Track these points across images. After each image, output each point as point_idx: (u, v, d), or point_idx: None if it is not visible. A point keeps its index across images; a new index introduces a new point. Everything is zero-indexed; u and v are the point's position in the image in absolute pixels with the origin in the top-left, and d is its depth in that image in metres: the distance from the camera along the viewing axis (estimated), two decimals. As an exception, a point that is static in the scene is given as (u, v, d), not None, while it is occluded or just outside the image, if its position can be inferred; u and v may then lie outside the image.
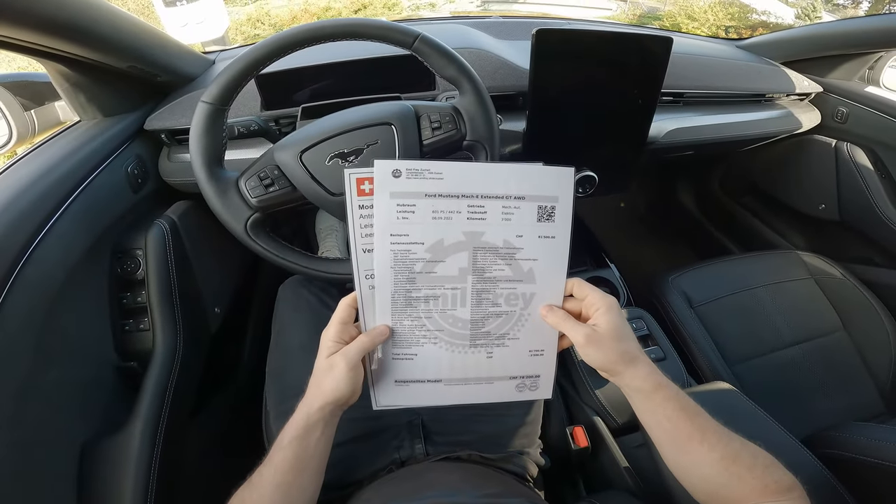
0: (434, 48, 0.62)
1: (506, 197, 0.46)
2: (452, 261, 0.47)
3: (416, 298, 0.47)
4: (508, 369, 0.50)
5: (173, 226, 0.81)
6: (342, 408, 0.48)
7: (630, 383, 0.46)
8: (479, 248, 0.47)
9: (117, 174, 0.77)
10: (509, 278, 0.48)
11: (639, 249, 1.73)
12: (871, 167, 1.18)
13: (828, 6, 5.07)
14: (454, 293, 0.47)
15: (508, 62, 0.89)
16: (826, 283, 1.10)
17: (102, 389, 0.69)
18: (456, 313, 0.48)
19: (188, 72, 0.90)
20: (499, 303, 0.48)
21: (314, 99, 0.84)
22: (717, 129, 1.07)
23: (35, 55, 0.66)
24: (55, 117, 0.86)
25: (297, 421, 0.47)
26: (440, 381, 0.50)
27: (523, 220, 0.46)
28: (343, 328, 0.48)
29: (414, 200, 0.44)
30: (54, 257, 0.62)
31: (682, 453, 0.45)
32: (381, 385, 0.50)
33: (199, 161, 0.60)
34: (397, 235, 0.45)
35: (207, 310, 0.92)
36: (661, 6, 5.79)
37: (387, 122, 0.62)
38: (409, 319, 0.48)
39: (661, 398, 0.45)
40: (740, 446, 0.44)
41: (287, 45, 0.59)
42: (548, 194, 0.46)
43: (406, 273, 0.46)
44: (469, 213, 0.45)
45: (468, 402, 0.51)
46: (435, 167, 0.44)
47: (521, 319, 0.49)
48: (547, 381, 0.51)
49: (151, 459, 0.67)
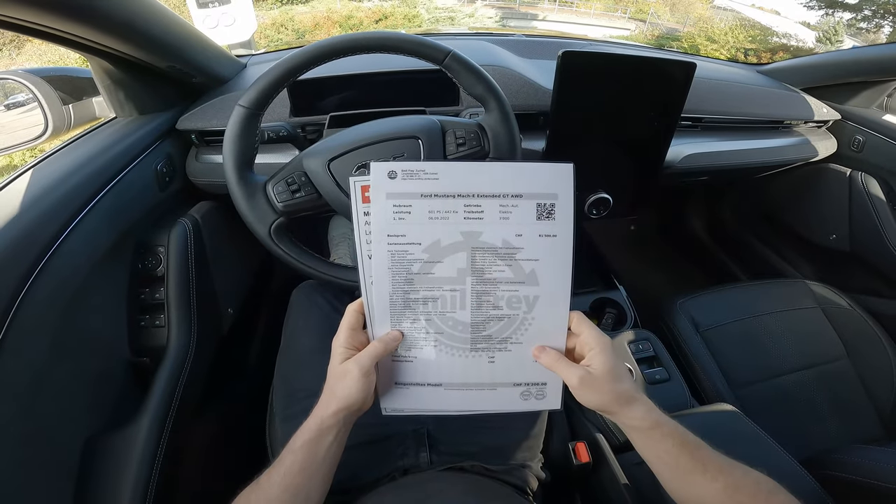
0: (464, 65, 0.64)
1: (503, 195, 0.45)
2: (450, 261, 0.46)
3: (415, 300, 0.47)
4: (512, 375, 0.49)
5: (196, 225, 0.82)
6: (356, 414, 0.48)
7: (627, 422, 0.46)
8: (478, 248, 0.46)
9: (147, 172, 0.79)
10: (510, 280, 0.47)
11: (648, 272, 1.73)
12: (884, 198, 1.18)
13: (850, 30, 5.08)
14: (453, 295, 0.47)
15: (532, 81, 0.91)
16: (832, 313, 1.10)
17: (112, 384, 0.70)
18: (455, 316, 0.47)
19: (221, 74, 0.92)
20: (500, 305, 0.47)
21: (341, 108, 0.86)
22: (735, 155, 1.07)
23: (84, 50, 0.68)
24: (91, 112, 0.88)
25: (310, 425, 0.47)
26: (440, 386, 0.49)
27: (522, 219, 0.45)
28: (352, 334, 0.48)
29: (410, 201, 0.44)
30: (81, 250, 0.63)
31: (684, 485, 0.45)
32: (382, 387, 0.49)
33: (232, 163, 0.62)
34: (394, 236, 0.45)
35: (221, 310, 0.93)
36: (680, 27, 5.82)
37: (414, 135, 0.64)
38: (407, 321, 0.47)
39: (660, 435, 0.45)
40: (742, 475, 0.44)
41: (326, 55, 0.61)
42: (546, 191, 0.45)
43: (403, 274, 0.46)
44: (466, 213, 0.45)
45: (472, 409, 0.50)
46: (430, 168, 0.44)
47: (524, 323, 0.48)
48: (554, 389, 0.49)
49: (156, 456, 0.67)
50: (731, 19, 7.09)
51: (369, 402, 0.48)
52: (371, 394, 0.48)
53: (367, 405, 0.48)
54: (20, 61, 6.00)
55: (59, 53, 1.53)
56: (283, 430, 0.70)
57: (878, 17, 7.39)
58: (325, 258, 0.66)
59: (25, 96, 0.79)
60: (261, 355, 1.15)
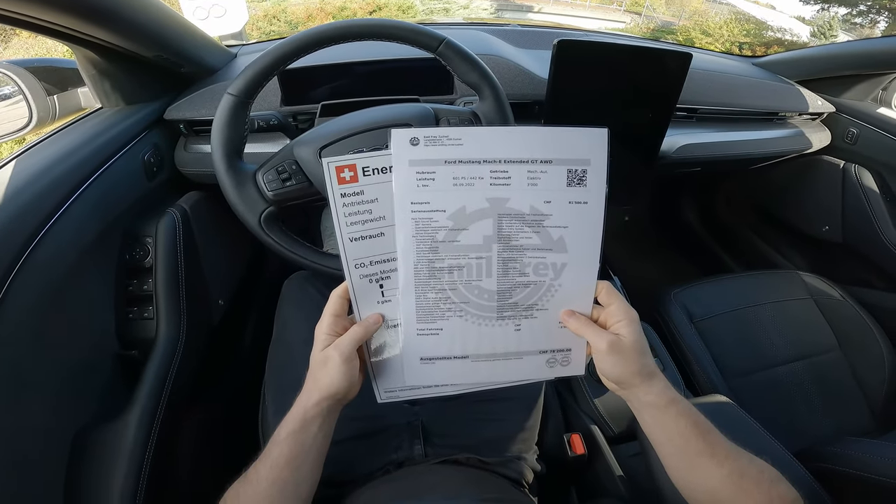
0: (458, 53, 0.63)
1: (531, 161, 0.43)
2: (476, 228, 0.45)
3: (440, 269, 0.45)
4: (538, 343, 0.48)
5: (184, 215, 0.81)
6: (341, 403, 0.47)
7: (644, 398, 0.45)
8: (504, 214, 0.44)
9: (134, 162, 0.78)
10: (538, 247, 0.45)
11: (641, 263, 1.74)
12: (878, 190, 1.18)
13: (844, 25, 5.09)
14: (479, 263, 0.45)
15: (526, 70, 0.90)
16: (825, 304, 1.11)
17: (100, 376, 0.69)
18: (482, 284, 0.46)
19: (211, 64, 0.91)
20: (527, 272, 0.46)
21: (333, 97, 0.85)
22: (729, 146, 1.07)
23: (68, 40, 0.67)
24: (76, 103, 0.87)
25: (294, 416, 0.46)
26: (467, 358, 0.48)
27: (551, 185, 0.44)
28: (335, 320, 0.47)
29: (434, 168, 0.43)
30: (66, 241, 0.62)
31: (690, 469, 0.45)
32: (407, 364, 0.48)
33: (220, 152, 0.61)
34: (418, 203, 0.43)
35: (211, 301, 0.92)
36: (675, 21, 5.82)
37: (407, 123, 0.63)
38: (433, 292, 0.46)
39: (675, 413, 0.44)
40: (748, 462, 0.44)
41: (316, 42, 0.60)
42: (578, 157, 0.44)
43: (428, 242, 0.45)
44: (492, 179, 0.43)
45: (498, 381, 0.49)
46: (454, 133, 0.43)
47: (550, 290, 0.47)
48: (579, 355, 0.49)
49: (146, 449, 0.66)
50: (726, 13, 7.09)
51: (355, 390, 0.47)
52: (356, 381, 0.46)
53: (352, 393, 0.47)
54: (7, 55, 5.92)
55: (46, 46, 1.50)
56: (275, 423, 0.68)
57: (873, 13, 7.43)
58: (317, 248, 0.65)
59: (11, 89, 0.78)
60: (254, 346, 1.14)
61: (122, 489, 0.63)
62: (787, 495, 0.43)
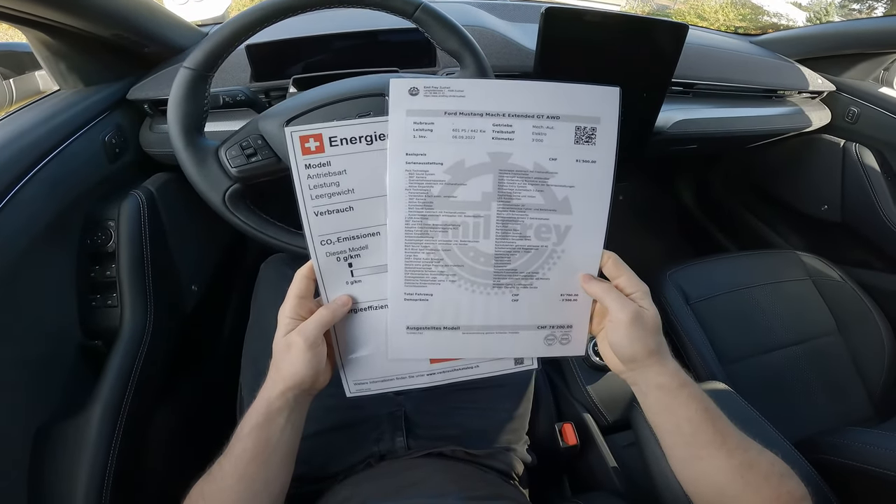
0: (436, 18, 0.59)
1: (537, 116, 0.41)
2: (475, 184, 0.42)
3: (433, 227, 0.42)
4: (536, 316, 0.45)
5: (150, 197, 0.78)
6: (309, 393, 0.44)
7: (656, 379, 0.42)
8: (506, 170, 0.42)
9: (94, 143, 0.74)
10: (541, 206, 0.42)
11: (636, 243, 1.70)
12: (878, 169, 1.16)
13: (841, 11, 5.03)
14: (476, 222, 0.42)
15: (514, 42, 0.86)
16: (824, 285, 1.08)
17: (63, 369, 0.66)
18: (478, 246, 0.43)
19: (178, 43, 0.86)
20: (528, 235, 0.43)
21: (308, 72, 0.81)
22: (726, 122, 1.04)
23: (14, 22, 0.63)
24: (35, 86, 0.84)
25: (257, 408, 0.43)
26: (458, 329, 0.45)
27: (558, 142, 0.41)
28: (300, 303, 0.43)
29: (432, 118, 0.40)
30: (17, 224, 0.58)
31: (697, 459, 0.41)
32: (392, 332, 0.45)
33: (178, 128, 0.57)
34: (413, 154, 0.41)
35: (183, 287, 0.88)
36: (670, 4, 5.74)
37: (380, 92, 0.59)
38: (424, 252, 0.43)
39: (686, 396, 0.41)
40: (757, 454, 0.41)
41: (279, 11, 0.55)
42: (587, 114, 0.41)
43: (422, 196, 0.42)
44: (494, 133, 0.41)
45: (490, 356, 0.46)
46: (456, 85, 0.40)
47: (552, 256, 0.44)
48: (580, 333, 0.46)
49: (110, 446, 0.64)
50: (721, -3, 7.01)
51: (323, 379, 0.44)
52: (323, 369, 0.43)
53: (320, 382, 0.44)
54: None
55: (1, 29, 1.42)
56: None
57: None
58: (288, 227, 0.61)
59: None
60: (233, 334, 1.10)
61: (87, 487, 0.60)
62: (797, 492, 0.40)
